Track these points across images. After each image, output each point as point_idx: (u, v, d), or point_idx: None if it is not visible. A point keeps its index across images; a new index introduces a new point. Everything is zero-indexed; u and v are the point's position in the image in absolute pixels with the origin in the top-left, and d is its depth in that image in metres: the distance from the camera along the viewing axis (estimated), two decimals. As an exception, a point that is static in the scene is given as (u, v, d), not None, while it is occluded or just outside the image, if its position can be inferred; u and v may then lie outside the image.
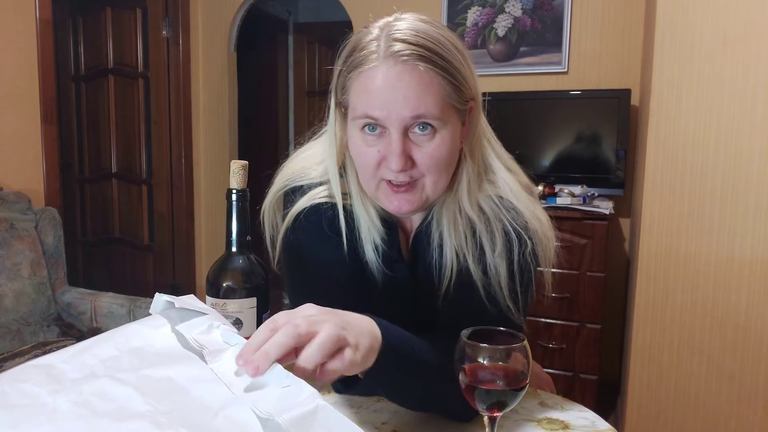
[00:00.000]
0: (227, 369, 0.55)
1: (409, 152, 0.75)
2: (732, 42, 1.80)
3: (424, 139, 0.75)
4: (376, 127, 0.75)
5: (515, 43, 2.81)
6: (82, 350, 0.57)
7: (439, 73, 0.73)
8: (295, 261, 0.87)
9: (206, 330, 0.59)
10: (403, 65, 0.72)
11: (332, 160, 0.84)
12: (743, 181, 1.82)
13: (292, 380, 0.53)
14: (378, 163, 0.76)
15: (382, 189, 0.79)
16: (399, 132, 0.74)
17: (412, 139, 0.75)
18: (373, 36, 0.75)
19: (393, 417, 0.79)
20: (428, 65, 0.72)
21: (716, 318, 1.89)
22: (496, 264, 0.80)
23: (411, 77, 0.72)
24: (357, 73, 0.75)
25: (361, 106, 0.75)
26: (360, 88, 0.75)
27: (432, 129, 0.74)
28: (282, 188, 0.89)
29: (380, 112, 0.73)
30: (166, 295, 0.63)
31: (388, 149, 0.75)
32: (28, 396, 0.50)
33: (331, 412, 0.50)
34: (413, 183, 0.77)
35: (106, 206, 3.65)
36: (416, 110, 0.73)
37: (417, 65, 0.72)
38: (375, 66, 0.73)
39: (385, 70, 0.72)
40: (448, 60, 0.74)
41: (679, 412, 1.97)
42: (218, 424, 0.49)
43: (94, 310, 2.23)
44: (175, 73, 3.37)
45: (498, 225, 0.81)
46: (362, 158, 0.78)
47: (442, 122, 0.75)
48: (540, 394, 0.86)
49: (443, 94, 0.74)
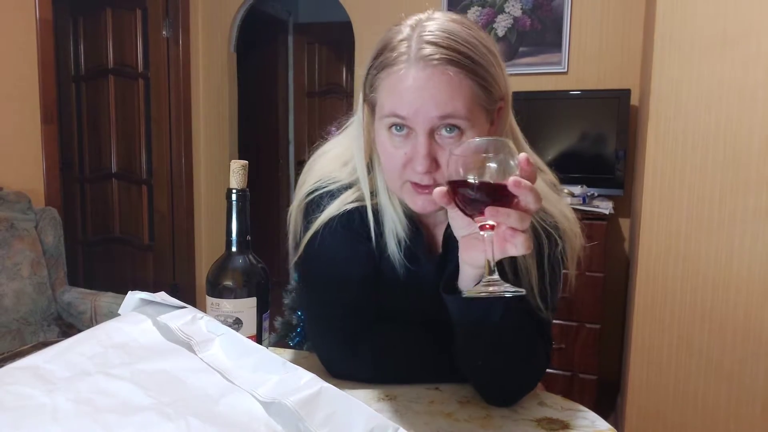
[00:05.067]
0: (219, 358, 0.55)
1: (434, 155, 0.75)
2: (732, 42, 1.80)
3: (451, 141, 0.75)
4: (403, 128, 0.76)
5: (515, 44, 2.82)
6: (64, 350, 0.57)
7: (469, 75, 0.74)
8: (323, 262, 0.88)
9: (190, 321, 0.60)
10: (433, 69, 0.73)
11: (360, 155, 0.85)
12: (743, 181, 1.82)
13: (290, 368, 0.53)
14: (404, 165, 0.77)
15: (406, 189, 0.79)
16: (425, 133, 0.74)
17: (438, 142, 0.75)
18: (404, 36, 0.76)
19: (393, 417, 0.79)
20: (458, 68, 0.73)
21: (716, 318, 1.89)
22: (527, 264, 0.81)
23: (440, 80, 0.73)
24: (387, 73, 0.76)
25: (389, 105, 0.76)
26: (389, 87, 0.76)
27: (459, 131, 0.75)
28: (311, 191, 0.89)
29: (407, 111, 0.74)
30: (141, 293, 0.64)
31: (414, 151, 0.75)
32: (22, 397, 0.50)
33: (336, 392, 0.51)
34: (437, 184, 0.76)
35: (106, 206, 3.65)
36: (444, 110, 0.73)
37: (447, 68, 0.73)
38: (405, 67, 0.74)
39: (415, 72, 0.73)
40: (477, 62, 0.74)
41: (678, 412, 1.97)
42: (222, 410, 0.49)
43: (94, 310, 2.24)
44: (175, 73, 3.37)
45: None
46: (389, 159, 0.79)
47: (470, 123, 0.75)
48: (540, 394, 0.86)
49: (472, 96, 0.74)
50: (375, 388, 0.86)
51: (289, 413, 0.49)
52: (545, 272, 0.82)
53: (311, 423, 0.48)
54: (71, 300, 2.28)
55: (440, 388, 0.86)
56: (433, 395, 0.84)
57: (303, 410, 0.49)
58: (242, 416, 0.49)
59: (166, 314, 0.61)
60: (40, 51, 2.54)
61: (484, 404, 0.81)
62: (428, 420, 0.78)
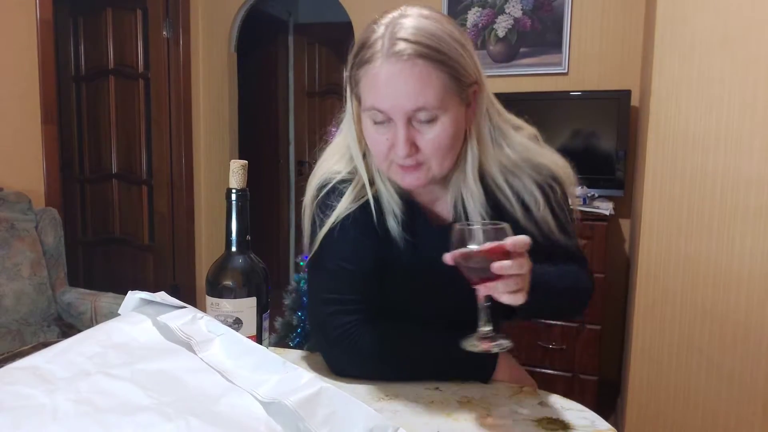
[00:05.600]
0: (219, 358, 0.55)
1: (413, 139, 0.83)
2: (732, 41, 1.80)
3: (427, 127, 0.82)
4: (384, 119, 0.83)
5: (515, 44, 2.82)
6: (64, 350, 0.57)
7: (438, 67, 0.80)
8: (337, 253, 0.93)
9: (190, 321, 0.60)
10: (403, 63, 0.79)
11: (354, 145, 0.93)
12: (743, 181, 1.82)
13: (290, 368, 0.53)
14: (388, 149, 0.85)
15: (393, 169, 0.87)
16: (403, 122, 0.82)
17: (416, 127, 0.83)
18: (378, 34, 0.82)
19: (393, 417, 0.79)
20: (426, 61, 0.79)
21: (716, 318, 1.89)
22: (543, 216, 0.91)
23: (411, 73, 0.79)
24: (365, 70, 0.83)
25: (369, 100, 0.83)
26: (368, 83, 0.83)
27: (433, 118, 0.82)
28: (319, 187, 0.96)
29: (385, 104, 0.81)
30: (141, 293, 0.64)
31: (395, 138, 0.83)
32: (22, 397, 0.50)
33: (335, 392, 0.51)
34: (419, 165, 0.85)
35: (106, 206, 3.65)
36: (416, 103, 0.80)
37: (416, 62, 0.79)
38: (380, 64, 0.81)
39: (388, 67, 0.80)
40: (445, 53, 0.81)
41: (679, 412, 1.97)
42: (221, 410, 0.49)
43: (94, 311, 2.23)
44: (175, 73, 3.38)
45: (529, 183, 0.91)
46: (375, 145, 0.87)
47: (442, 110, 0.82)
48: (540, 394, 0.86)
49: (443, 86, 0.81)
50: (375, 388, 0.86)
51: (289, 413, 0.49)
52: (558, 216, 0.93)
53: (311, 423, 0.48)
54: (71, 300, 2.28)
55: (440, 388, 0.86)
56: (433, 395, 0.84)
57: (303, 410, 0.49)
58: (242, 416, 0.49)
59: (166, 314, 0.61)
60: (41, 51, 2.55)
61: (484, 404, 0.81)
62: (428, 420, 0.78)
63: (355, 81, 0.86)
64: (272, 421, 0.49)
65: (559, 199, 0.94)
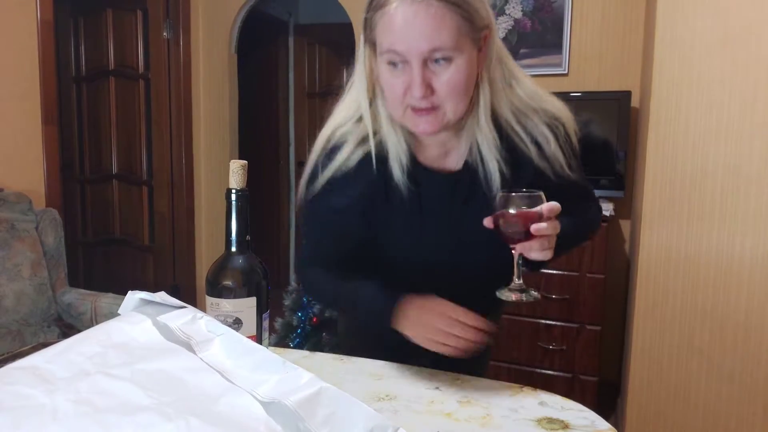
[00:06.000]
0: (218, 358, 0.55)
1: (428, 81, 0.85)
2: (732, 42, 1.80)
3: (442, 69, 0.85)
4: (399, 61, 0.86)
5: (515, 45, 2.82)
6: (64, 350, 0.57)
7: (452, 8, 0.83)
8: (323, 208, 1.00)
9: (190, 321, 0.60)
10: (419, 5, 0.82)
11: (363, 91, 0.95)
12: (743, 181, 1.82)
13: (290, 368, 0.53)
14: (404, 92, 0.87)
15: (408, 114, 0.90)
16: (419, 63, 0.84)
17: (432, 69, 0.85)
18: None
19: (393, 417, 0.79)
20: (441, 2, 0.82)
21: (716, 318, 1.89)
22: (553, 152, 0.96)
23: (426, 14, 0.82)
24: (381, 13, 0.86)
25: (386, 43, 0.86)
26: (384, 26, 0.86)
27: (448, 59, 0.84)
28: (328, 136, 1.00)
29: (401, 46, 0.84)
30: (141, 293, 0.64)
31: (411, 80, 0.85)
32: (22, 397, 0.50)
33: (336, 392, 0.51)
34: (434, 108, 0.87)
35: (106, 207, 3.65)
36: (432, 43, 0.83)
37: (431, 3, 0.82)
38: (396, 6, 0.84)
39: (403, 9, 0.83)
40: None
41: (679, 412, 1.97)
42: (221, 410, 0.49)
43: (94, 311, 2.24)
44: (175, 74, 3.38)
45: (539, 123, 0.96)
46: (390, 89, 0.89)
47: (458, 52, 0.84)
48: (540, 394, 0.86)
49: (457, 27, 0.84)
50: (375, 389, 0.86)
51: (289, 413, 0.49)
52: (565, 153, 0.98)
53: (311, 423, 0.48)
54: (71, 301, 2.28)
55: (440, 388, 0.86)
56: (433, 395, 0.84)
57: (303, 410, 0.49)
58: (242, 416, 0.49)
59: (166, 314, 0.61)
60: (41, 52, 2.55)
61: (484, 404, 0.81)
62: (428, 420, 0.78)
63: (371, 26, 0.89)
64: (272, 421, 0.49)
65: (564, 138, 0.99)
